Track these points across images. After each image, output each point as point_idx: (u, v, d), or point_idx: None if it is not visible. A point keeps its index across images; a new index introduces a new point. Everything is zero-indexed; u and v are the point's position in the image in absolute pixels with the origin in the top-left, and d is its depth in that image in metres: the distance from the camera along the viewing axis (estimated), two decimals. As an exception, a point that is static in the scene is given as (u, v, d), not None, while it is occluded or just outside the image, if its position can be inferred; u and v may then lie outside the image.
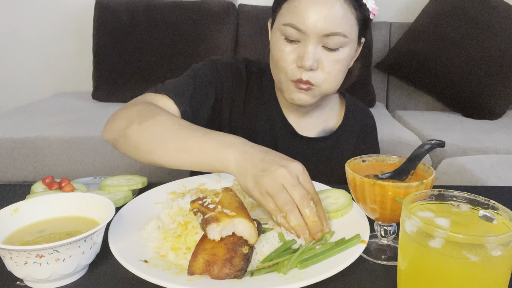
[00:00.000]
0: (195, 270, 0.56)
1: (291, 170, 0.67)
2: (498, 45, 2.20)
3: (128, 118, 0.84)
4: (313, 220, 0.65)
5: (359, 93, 2.23)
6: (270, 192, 0.65)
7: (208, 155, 0.74)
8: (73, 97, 2.43)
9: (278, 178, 0.66)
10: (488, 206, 0.51)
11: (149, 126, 0.80)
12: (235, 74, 1.03)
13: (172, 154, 0.77)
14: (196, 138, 0.76)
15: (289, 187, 0.66)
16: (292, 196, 0.65)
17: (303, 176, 0.68)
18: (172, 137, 0.78)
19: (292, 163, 0.68)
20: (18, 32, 2.62)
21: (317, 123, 1.06)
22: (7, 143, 1.74)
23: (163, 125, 0.80)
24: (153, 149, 0.79)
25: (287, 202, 0.65)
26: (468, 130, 2.01)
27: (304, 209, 0.65)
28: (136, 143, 0.80)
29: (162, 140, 0.78)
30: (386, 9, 2.60)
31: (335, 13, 0.84)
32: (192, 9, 2.31)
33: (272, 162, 0.68)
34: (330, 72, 0.88)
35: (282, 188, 0.66)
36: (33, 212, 0.64)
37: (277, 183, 0.65)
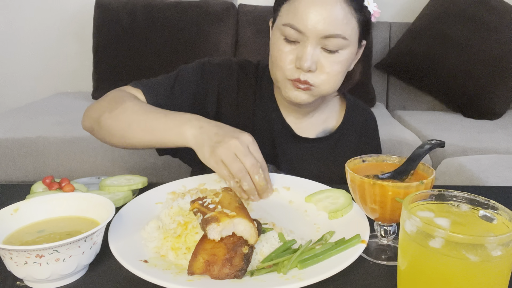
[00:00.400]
0: (195, 270, 0.56)
1: (242, 141, 0.76)
2: (498, 45, 2.20)
3: (101, 107, 0.93)
4: (262, 184, 0.77)
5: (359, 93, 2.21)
6: (225, 160, 0.74)
7: (170, 133, 0.83)
8: (73, 97, 2.43)
9: (231, 148, 0.75)
10: (488, 206, 0.51)
11: (118, 113, 0.89)
12: (224, 74, 1.03)
13: (139, 135, 0.87)
14: (159, 120, 0.85)
15: (241, 156, 0.75)
16: (244, 164, 0.75)
17: (252, 146, 0.78)
18: (138, 120, 0.87)
19: (243, 135, 0.78)
20: (18, 32, 2.62)
21: (317, 123, 1.06)
22: (7, 143, 1.74)
23: (129, 111, 0.89)
24: (123, 133, 0.88)
25: (240, 169, 0.74)
26: (468, 130, 2.01)
27: (254, 175, 0.76)
28: (109, 129, 0.90)
29: (130, 124, 0.87)
30: (386, 9, 2.60)
31: (335, 14, 0.84)
32: (192, 9, 2.31)
33: (225, 134, 0.77)
34: (329, 74, 0.88)
35: (235, 157, 0.75)
36: (33, 212, 0.64)
37: (230, 152, 0.75)
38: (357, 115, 1.10)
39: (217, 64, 1.04)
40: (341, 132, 1.06)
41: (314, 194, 0.79)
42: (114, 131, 0.89)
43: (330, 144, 1.05)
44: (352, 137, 1.07)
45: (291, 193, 0.82)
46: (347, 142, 1.06)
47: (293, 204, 0.80)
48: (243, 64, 1.06)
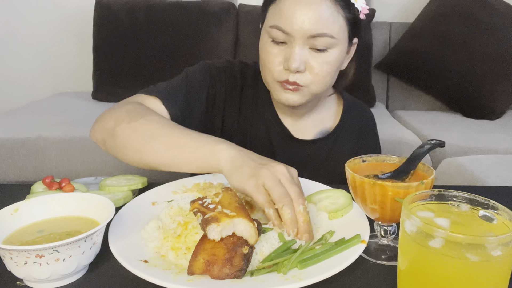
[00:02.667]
0: (195, 270, 0.56)
1: (289, 169, 0.70)
2: (498, 45, 2.20)
3: (117, 117, 0.83)
4: (305, 219, 0.66)
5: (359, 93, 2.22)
6: (268, 183, 0.66)
7: (201, 149, 0.73)
8: (73, 97, 2.43)
9: (277, 172, 0.68)
10: (488, 206, 0.51)
11: (139, 125, 0.79)
12: (229, 79, 1.02)
13: (162, 150, 0.76)
14: (189, 135, 0.76)
15: (287, 183, 0.67)
16: (289, 191, 0.66)
17: (297, 178, 0.71)
18: (163, 134, 0.77)
19: (288, 166, 0.71)
20: (18, 32, 2.62)
21: (314, 125, 1.05)
22: (7, 143, 1.74)
23: (153, 123, 0.79)
24: (142, 147, 0.78)
25: (285, 195, 0.66)
26: (468, 130, 2.01)
27: (298, 205, 0.66)
28: (125, 141, 0.79)
29: (152, 137, 0.77)
30: (386, 9, 2.60)
31: (321, 13, 0.83)
32: (192, 9, 2.31)
33: (269, 160, 0.71)
34: (318, 74, 0.87)
35: (279, 182, 0.67)
36: (33, 212, 0.64)
37: (275, 177, 0.67)
38: (354, 114, 1.09)
39: (221, 68, 1.03)
40: (338, 132, 1.06)
41: (314, 194, 0.79)
42: (131, 143, 0.79)
43: (328, 144, 1.05)
44: (350, 136, 1.07)
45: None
46: (346, 142, 1.06)
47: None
48: (243, 67, 1.06)
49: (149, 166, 0.80)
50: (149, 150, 0.77)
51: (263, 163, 0.69)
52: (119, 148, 0.81)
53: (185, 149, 0.75)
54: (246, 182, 0.68)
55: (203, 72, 1.00)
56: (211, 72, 1.01)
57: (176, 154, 0.75)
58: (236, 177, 0.70)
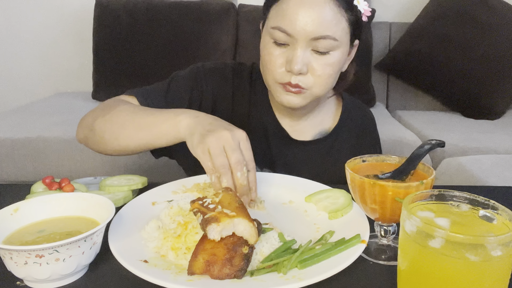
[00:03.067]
0: (195, 270, 0.56)
1: (234, 134, 0.72)
2: (498, 45, 2.20)
3: (94, 114, 0.90)
4: (241, 183, 0.71)
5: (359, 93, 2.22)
6: (211, 151, 0.70)
7: (165, 124, 0.79)
8: (73, 97, 2.43)
9: (221, 139, 0.71)
10: (488, 206, 0.51)
11: (112, 116, 0.85)
12: (219, 79, 1.02)
13: (134, 133, 0.82)
14: (153, 115, 0.82)
15: (229, 151, 0.71)
16: (229, 159, 0.71)
17: (244, 142, 0.74)
18: (132, 119, 0.84)
19: (237, 130, 0.74)
20: (18, 32, 2.62)
21: (313, 126, 1.05)
22: (7, 143, 1.74)
23: (124, 112, 0.85)
24: (117, 135, 0.84)
25: (223, 165, 0.70)
26: (468, 130, 2.02)
27: (236, 172, 0.71)
28: (102, 133, 0.86)
29: (124, 123, 0.84)
30: (386, 9, 2.60)
31: (324, 16, 0.82)
32: (192, 9, 2.31)
33: (219, 125, 0.74)
34: (320, 76, 0.87)
35: (222, 151, 0.71)
36: (33, 212, 0.64)
37: (218, 144, 0.71)
38: (354, 114, 1.08)
39: (211, 69, 1.03)
40: (337, 132, 1.05)
41: (314, 194, 0.79)
42: (107, 134, 0.85)
43: (327, 145, 1.04)
44: (350, 137, 1.06)
45: (291, 193, 0.82)
46: (345, 143, 1.05)
47: (293, 204, 0.80)
48: (237, 68, 1.05)
49: (126, 152, 0.86)
50: (123, 136, 0.83)
51: (212, 129, 0.73)
52: (99, 141, 0.87)
53: (151, 127, 0.81)
54: (195, 148, 0.73)
55: (189, 74, 1.02)
56: (198, 74, 1.01)
57: (145, 134, 0.81)
58: (189, 143, 0.75)
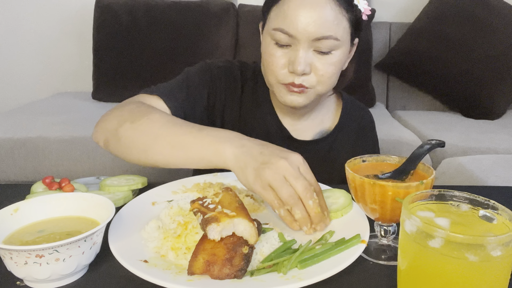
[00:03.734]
0: (195, 270, 0.56)
1: (292, 161, 0.68)
2: (498, 45, 2.20)
3: (120, 117, 0.82)
4: (316, 212, 0.66)
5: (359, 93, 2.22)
6: (273, 184, 0.65)
7: (205, 150, 0.73)
8: (73, 97, 2.43)
9: (279, 170, 0.66)
10: (488, 206, 0.51)
11: (142, 124, 0.79)
12: (230, 78, 1.02)
13: (167, 151, 0.76)
14: (192, 134, 0.76)
15: (292, 179, 0.66)
16: (295, 188, 0.66)
17: (303, 166, 0.69)
18: (166, 134, 0.77)
19: (292, 155, 0.69)
20: (18, 32, 2.62)
21: (313, 125, 1.05)
22: (7, 143, 1.74)
23: (156, 122, 0.79)
24: (147, 147, 0.77)
25: (291, 195, 0.65)
26: (468, 130, 2.01)
27: (307, 201, 0.66)
28: (129, 142, 0.79)
29: (156, 137, 0.77)
30: (386, 9, 2.60)
31: (326, 16, 0.82)
32: (192, 9, 2.31)
33: (271, 154, 0.68)
34: (323, 75, 0.87)
35: (284, 181, 0.66)
36: (33, 212, 0.64)
37: (279, 176, 0.66)
38: (353, 114, 1.09)
39: (222, 68, 1.02)
40: (337, 132, 1.05)
41: None
42: (136, 144, 0.78)
43: (327, 145, 1.04)
44: (349, 137, 1.07)
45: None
46: (344, 142, 1.06)
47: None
48: (243, 67, 1.05)
49: (154, 165, 0.79)
50: (154, 150, 0.77)
51: (266, 160, 0.68)
52: (123, 149, 0.80)
53: (189, 149, 0.74)
54: (253, 184, 0.68)
55: (204, 71, 1.00)
56: (212, 71, 1.00)
57: (181, 155, 0.75)
58: (242, 178, 0.70)
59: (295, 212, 0.66)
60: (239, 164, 0.70)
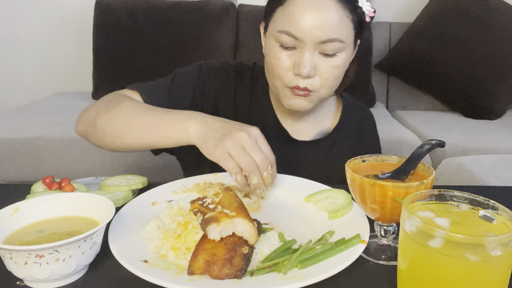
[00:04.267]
0: (195, 270, 0.56)
1: (250, 133, 0.74)
2: (498, 45, 2.20)
3: (97, 109, 0.89)
4: (268, 181, 0.75)
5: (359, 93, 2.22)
6: (232, 153, 0.72)
7: (171, 128, 0.79)
8: (73, 97, 2.43)
9: (239, 140, 0.72)
10: (488, 206, 0.51)
11: (116, 113, 0.85)
12: (222, 78, 1.02)
13: (137, 133, 0.83)
14: (159, 116, 0.82)
15: (250, 150, 0.73)
16: (254, 158, 0.72)
17: (261, 139, 0.76)
18: (136, 118, 0.83)
19: (251, 128, 0.75)
20: (18, 32, 2.62)
21: (313, 126, 1.05)
22: (7, 143, 1.74)
23: (127, 109, 0.85)
24: (120, 133, 0.84)
25: (249, 163, 0.72)
26: (468, 130, 2.01)
27: (263, 171, 0.74)
28: (104, 129, 0.86)
29: (128, 122, 0.83)
30: (386, 9, 2.60)
31: (331, 19, 0.82)
32: (192, 9, 2.31)
33: (232, 128, 0.75)
34: (328, 79, 0.87)
35: (243, 150, 0.72)
36: (33, 212, 0.64)
37: (238, 145, 0.72)
38: (354, 115, 1.09)
39: (214, 68, 1.03)
40: (337, 133, 1.05)
41: (314, 194, 0.79)
42: (110, 131, 0.85)
43: (327, 145, 1.04)
44: (350, 137, 1.06)
45: (291, 193, 0.82)
46: (345, 143, 1.05)
47: (293, 204, 0.80)
48: (239, 68, 1.05)
49: (127, 149, 0.87)
50: (125, 134, 0.84)
51: (226, 132, 0.74)
52: (100, 136, 0.87)
53: (158, 129, 0.81)
54: (213, 152, 0.74)
55: (192, 71, 1.02)
56: (201, 71, 1.02)
57: (150, 136, 0.82)
58: (204, 149, 0.76)
59: (252, 178, 0.73)
60: (201, 137, 0.76)
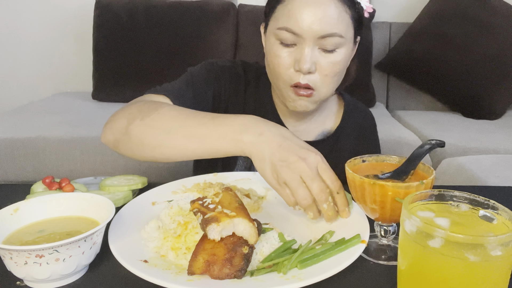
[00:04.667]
0: (195, 270, 0.56)
1: (310, 162, 0.68)
2: (498, 45, 2.20)
3: (129, 116, 0.80)
4: (330, 214, 0.69)
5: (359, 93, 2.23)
6: (289, 184, 0.67)
7: (222, 140, 0.72)
8: (73, 97, 2.43)
9: (296, 170, 0.67)
10: (488, 206, 0.51)
11: (153, 120, 0.77)
12: (233, 78, 1.02)
13: (182, 144, 0.74)
14: (205, 125, 0.74)
15: (308, 181, 0.67)
16: (311, 189, 0.67)
17: (322, 165, 0.69)
18: (179, 126, 0.75)
19: (310, 154, 0.69)
20: (18, 32, 2.62)
21: (316, 126, 1.05)
22: (7, 143, 1.74)
23: (167, 116, 0.77)
24: (160, 142, 0.76)
25: (305, 197, 0.67)
26: (468, 130, 2.02)
27: (322, 204, 0.68)
28: (141, 139, 0.77)
29: (170, 130, 0.75)
30: (386, 9, 2.60)
31: (330, 13, 0.83)
32: (192, 9, 2.31)
33: (290, 150, 0.68)
34: (328, 75, 0.87)
35: (301, 182, 0.67)
36: (33, 212, 0.64)
37: (295, 176, 0.67)
38: (355, 115, 1.09)
39: (225, 67, 1.02)
40: (339, 133, 1.05)
41: None
42: (148, 140, 0.76)
43: (329, 145, 1.04)
44: (351, 138, 1.07)
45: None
46: (346, 143, 1.06)
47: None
48: (246, 67, 1.05)
49: (169, 160, 0.78)
50: (168, 145, 0.75)
51: (283, 158, 0.67)
52: (134, 146, 0.78)
53: (205, 140, 0.73)
54: (269, 179, 0.70)
55: (208, 71, 0.99)
56: (215, 70, 1.00)
57: (197, 147, 0.74)
58: (260, 170, 0.70)
59: (307, 213, 0.69)
60: (257, 155, 0.70)
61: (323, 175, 0.68)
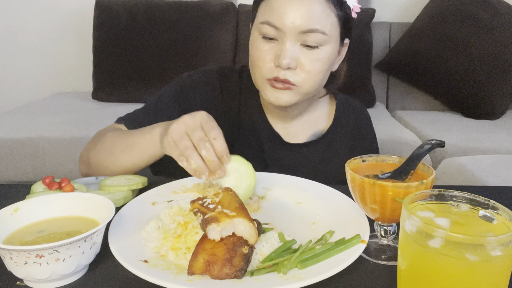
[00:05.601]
0: (195, 270, 0.56)
1: (194, 116, 0.74)
2: (498, 45, 2.20)
3: (87, 148, 0.97)
4: (210, 159, 0.72)
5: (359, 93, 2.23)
6: (174, 139, 0.73)
7: (143, 141, 0.84)
8: (73, 97, 2.43)
9: (181, 125, 0.73)
10: (488, 206, 0.51)
11: (100, 146, 0.92)
12: (205, 88, 1.02)
13: (121, 156, 0.88)
14: (133, 135, 0.87)
15: (190, 132, 0.72)
16: (192, 139, 0.72)
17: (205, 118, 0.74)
18: (117, 144, 0.89)
19: (197, 113, 0.75)
20: (18, 32, 2.63)
21: (306, 127, 1.03)
22: (7, 143, 1.74)
23: (109, 140, 0.91)
24: (108, 163, 0.90)
25: (186, 147, 0.72)
26: (468, 130, 2.02)
27: (201, 150, 0.71)
28: (97, 165, 0.92)
29: (110, 150, 0.89)
30: (386, 9, 2.60)
31: (313, 9, 0.82)
32: (192, 9, 2.31)
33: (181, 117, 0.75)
34: (310, 72, 0.86)
35: (184, 135, 0.72)
36: (33, 212, 0.64)
37: (180, 130, 0.73)
38: (348, 113, 1.07)
39: (195, 80, 1.03)
40: (332, 133, 1.04)
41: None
42: (103, 164, 0.90)
43: (323, 146, 1.03)
44: (345, 136, 1.05)
45: (291, 193, 0.82)
46: (340, 142, 1.04)
47: (293, 204, 0.80)
48: (223, 72, 1.04)
49: (128, 172, 0.90)
50: (115, 162, 0.89)
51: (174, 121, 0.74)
52: (97, 171, 0.93)
53: (134, 147, 0.85)
54: (162, 142, 0.75)
55: (174, 90, 1.02)
56: (184, 86, 1.02)
57: (130, 155, 0.87)
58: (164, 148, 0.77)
59: (190, 162, 0.71)
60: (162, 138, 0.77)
61: (204, 127, 0.73)
